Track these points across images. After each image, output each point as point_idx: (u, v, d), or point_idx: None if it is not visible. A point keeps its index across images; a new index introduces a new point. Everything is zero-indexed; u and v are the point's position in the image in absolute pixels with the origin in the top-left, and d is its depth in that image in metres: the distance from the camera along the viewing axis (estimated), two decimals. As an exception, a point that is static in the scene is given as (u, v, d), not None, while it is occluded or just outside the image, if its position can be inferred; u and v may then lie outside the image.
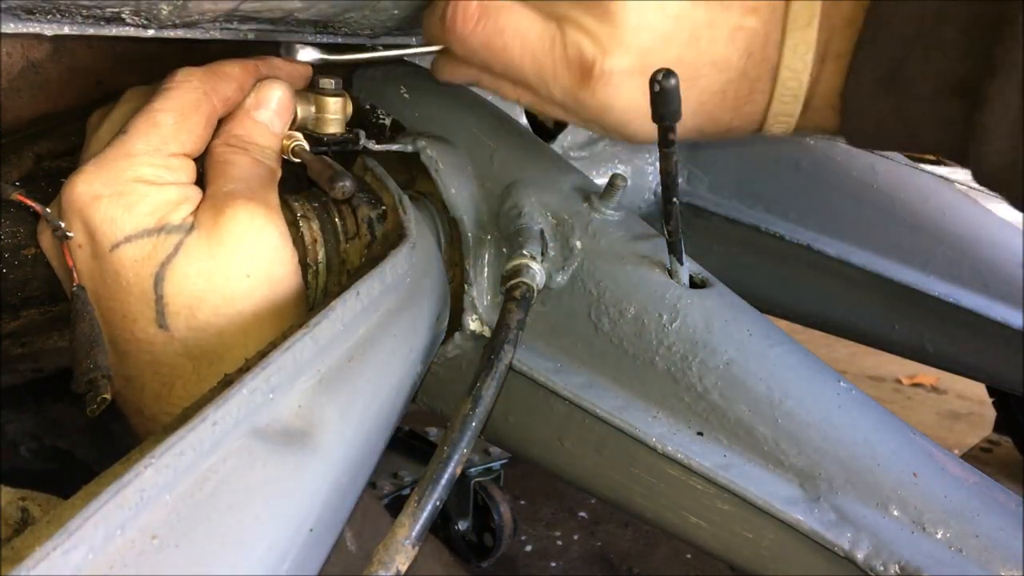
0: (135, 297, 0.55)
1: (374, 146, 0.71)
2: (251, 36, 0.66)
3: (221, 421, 0.42)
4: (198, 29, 0.61)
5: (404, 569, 0.44)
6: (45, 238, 0.59)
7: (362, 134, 0.70)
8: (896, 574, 0.53)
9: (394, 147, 0.72)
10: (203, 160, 0.61)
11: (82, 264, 0.56)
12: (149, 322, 0.55)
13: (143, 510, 0.38)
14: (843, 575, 0.56)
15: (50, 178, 0.63)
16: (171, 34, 0.60)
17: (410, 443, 1.49)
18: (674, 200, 0.58)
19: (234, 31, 0.64)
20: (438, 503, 0.47)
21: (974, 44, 0.52)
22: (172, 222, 0.56)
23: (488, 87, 0.69)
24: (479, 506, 1.45)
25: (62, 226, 0.56)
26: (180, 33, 0.60)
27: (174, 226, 0.55)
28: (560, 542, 1.60)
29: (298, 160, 0.64)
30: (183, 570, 0.38)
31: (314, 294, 0.65)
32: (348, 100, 0.70)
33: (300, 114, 0.67)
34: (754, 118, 0.62)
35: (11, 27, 0.54)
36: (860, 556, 0.54)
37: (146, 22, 0.57)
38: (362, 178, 0.70)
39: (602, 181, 0.69)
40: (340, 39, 0.73)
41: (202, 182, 0.59)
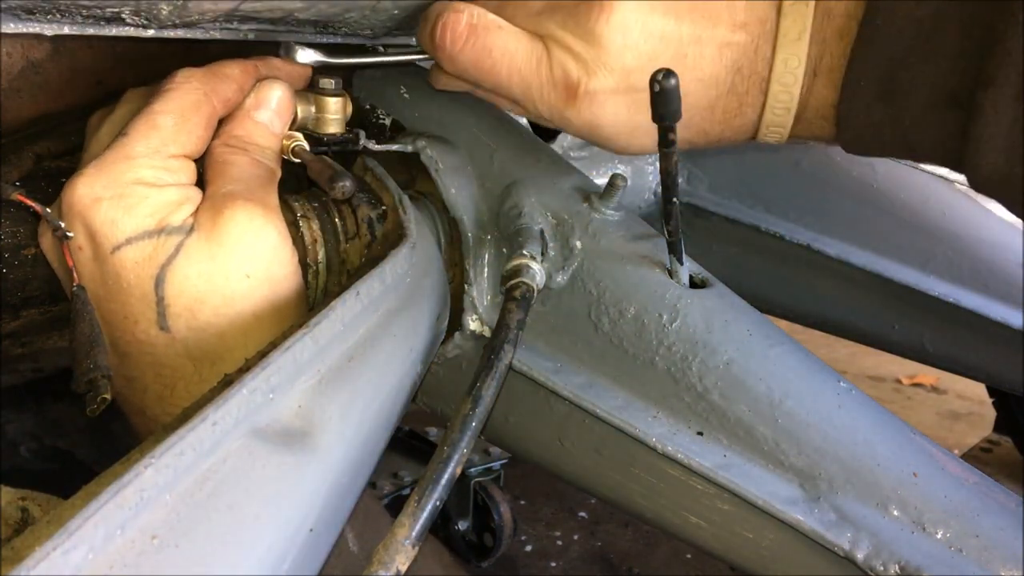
0: (136, 299, 0.55)
1: (374, 146, 0.71)
2: (251, 36, 0.66)
3: (221, 421, 0.42)
4: (198, 29, 0.61)
5: (404, 569, 0.44)
6: (45, 239, 0.59)
7: (362, 134, 0.70)
8: (896, 574, 0.53)
9: (394, 147, 0.72)
10: (203, 161, 0.61)
11: (83, 266, 0.56)
12: (150, 324, 0.55)
13: (143, 510, 0.38)
14: (843, 575, 0.56)
15: (50, 178, 0.63)
16: (171, 34, 0.60)
17: (410, 443, 1.49)
18: (674, 200, 0.58)
19: (234, 31, 0.64)
20: (438, 503, 0.47)
21: (967, 56, 0.53)
22: (172, 223, 0.56)
23: (481, 96, 0.70)
24: (479, 506, 1.45)
25: (62, 226, 0.56)
26: (180, 33, 0.60)
27: (174, 227, 0.55)
28: (560, 542, 1.60)
29: (298, 160, 0.65)
30: (183, 570, 0.38)
31: (314, 294, 0.65)
32: (348, 100, 0.70)
33: (300, 114, 0.67)
34: (745, 130, 0.63)
35: (11, 27, 0.54)
36: (860, 556, 0.54)
37: (146, 22, 0.57)
38: (362, 178, 0.70)
39: (602, 181, 0.69)
40: (340, 39, 0.73)
41: (202, 183, 0.60)
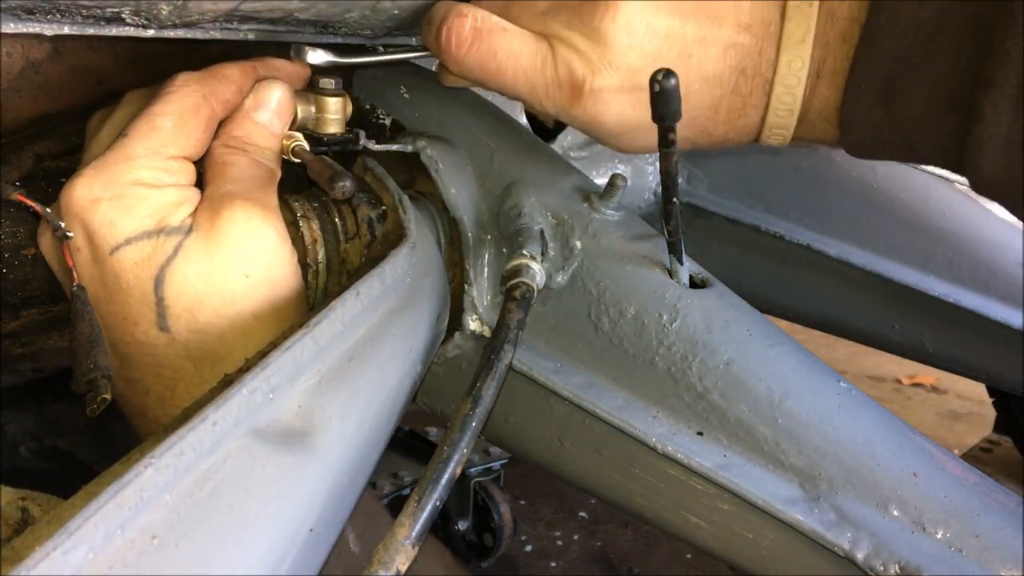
0: (135, 300, 0.55)
1: (374, 146, 0.71)
2: (251, 36, 0.66)
3: (221, 421, 0.42)
4: (198, 29, 0.61)
5: (404, 569, 0.44)
6: (45, 240, 0.59)
7: (362, 134, 0.70)
8: (896, 574, 0.53)
9: (394, 147, 0.72)
10: (203, 162, 0.61)
11: (82, 267, 0.56)
12: (150, 325, 0.55)
13: (143, 510, 0.38)
14: (843, 575, 0.56)
15: (50, 178, 0.63)
16: (171, 34, 0.60)
17: (410, 443, 1.49)
18: (674, 200, 0.58)
19: (234, 31, 0.64)
20: (438, 503, 0.47)
21: (968, 59, 0.53)
22: (171, 224, 0.56)
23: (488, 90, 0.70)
24: (479, 506, 1.45)
25: (62, 226, 0.56)
26: (180, 33, 0.60)
27: (173, 228, 0.55)
28: (560, 542, 1.60)
29: (298, 160, 0.64)
30: (183, 570, 0.38)
31: (314, 294, 0.65)
32: (348, 100, 0.70)
33: (300, 114, 0.67)
34: (749, 131, 0.63)
35: (11, 27, 0.54)
36: (860, 556, 0.54)
37: (146, 22, 0.57)
38: (362, 178, 0.70)
39: (602, 181, 0.69)
40: (340, 39, 0.73)
41: (202, 184, 0.59)
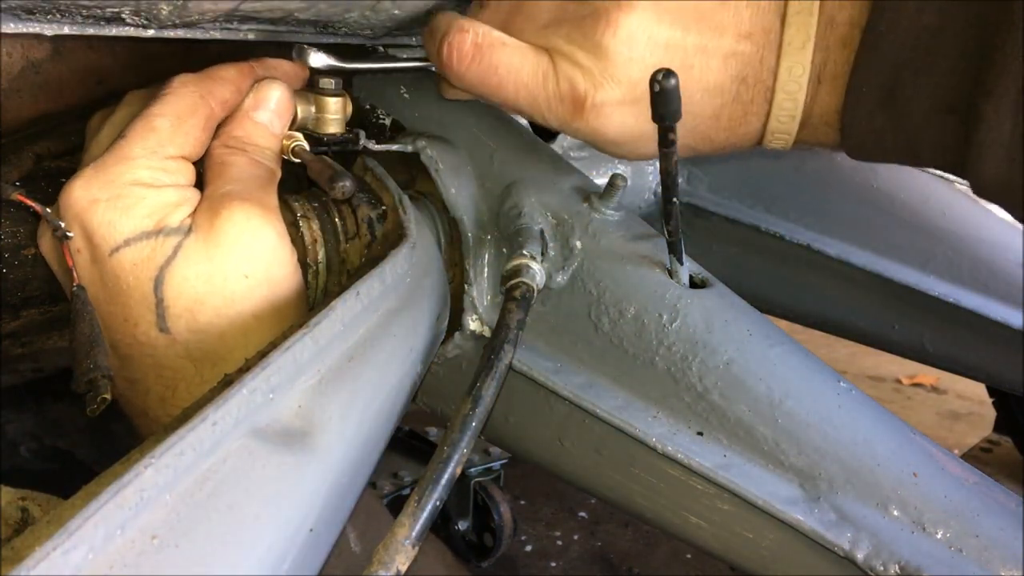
0: (135, 301, 0.55)
1: (374, 146, 0.71)
2: (251, 36, 0.66)
3: (221, 421, 0.42)
4: (198, 29, 0.61)
5: (404, 569, 0.44)
6: (45, 240, 0.59)
7: (362, 134, 0.70)
8: (896, 574, 0.53)
9: (394, 147, 0.72)
10: (203, 163, 0.61)
11: (82, 269, 0.56)
12: (150, 325, 0.55)
13: (143, 510, 0.38)
14: (843, 575, 0.56)
15: (50, 178, 0.63)
16: (171, 34, 0.60)
17: (410, 443, 1.49)
18: (674, 200, 0.58)
19: (234, 31, 0.64)
20: (438, 503, 0.47)
21: (969, 64, 0.53)
22: (170, 224, 0.56)
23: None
24: (479, 506, 1.45)
25: (62, 226, 0.56)
26: (180, 33, 0.60)
27: (172, 228, 0.55)
28: (560, 542, 1.60)
29: (298, 160, 0.64)
30: (183, 570, 0.38)
31: (314, 294, 0.65)
32: (348, 100, 0.70)
33: (300, 114, 0.67)
34: (751, 137, 0.63)
35: (11, 27, 0.54)
36: (860, 556, 0.54)
37: (146, 22, 0.57)
38: (362, 178, 0.70)
39: (602, 181, 0.69)
40: (340, 39, 0.73)
41: (202, 185, 0.59)
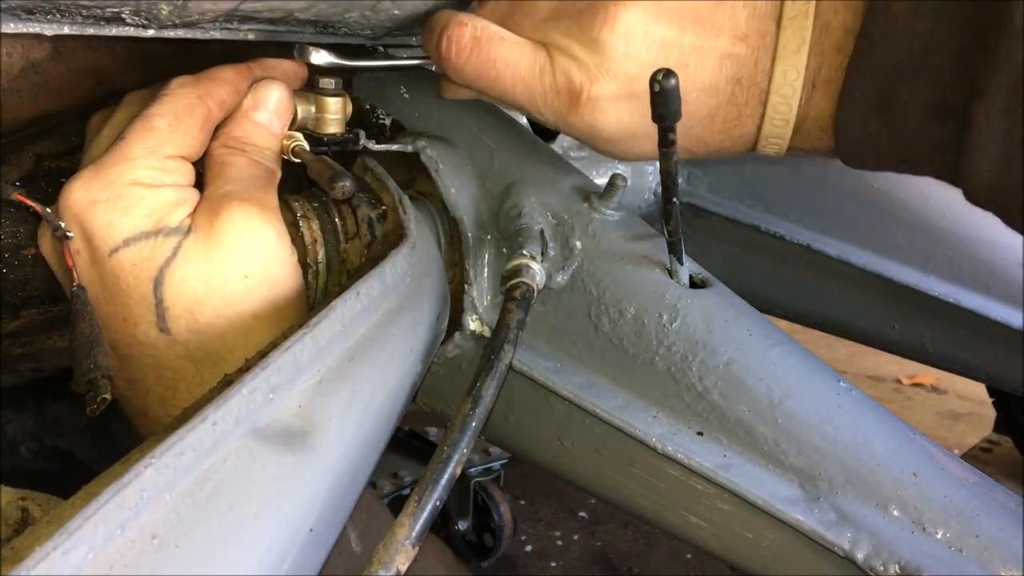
0: (135, 301, 0.55)
1: (374, 146, 0.71)
2: (251, 36, 0.66)
3: (221, 421, 0.42)
4: (198, 29, 0.61)
5: (404, 569, 0.44)
6: (44, 241, 0.59)
7: (362, 134, 0.70)
8: (896, 574, 0.53)
9: (394, 147, 0.72)
10: (203, 163, 0.61)
11: (81, 269, 0.56)
12: (150, 326, 0.55)
13: (143, 510, 0.38)
14: (843, 575, 0.56)
15: (50, 178, 0.63)
16: (171, 34, 0.60)
17: (410, 443, 1.49)
18: (674, 200, 0.58)
19: (234, 31, 0.64)
20: (438, 503, 0.47)
21: (961, 69, 0.53)
22: (170, 224, 0.56)
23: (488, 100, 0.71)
24: (479, 506, 1.45)
25: (62, 226, 0.56)
26: (180, 33, 0.60)
27: (172, 228, 0.56)
28: (560, 542, 1.60)
29: (298, 160, 0.64)
30: (183, 570, 0.38)
31: (314, 294, 0.65)
32: (348, 100, 0.70)
33: (300, 114, 0.67)
34: (745, 140, 0.63)
35: (11, 27, 0.54)
36: (860, 556, 0.54)
37: (146, 22, 0.57)
38: (362, 178, 0.70)
39: (602, 181, 0.69)
40: (340, 39, 0.73)
41: (202, 185, 0.59)
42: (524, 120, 0.96)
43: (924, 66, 0.55)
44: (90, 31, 0.57)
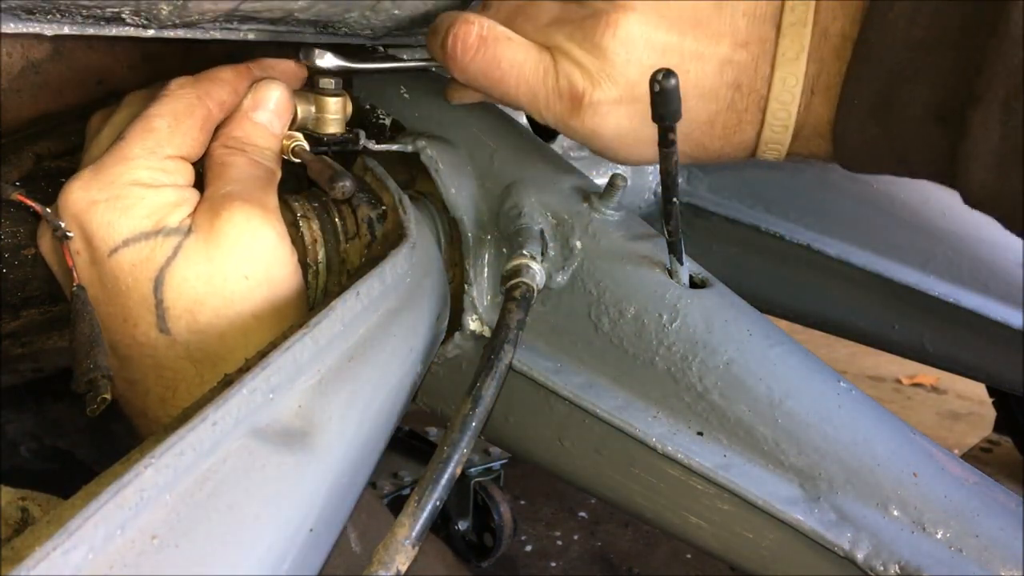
0: (135, 301, 0.55)
1: (374, 146, 0.71)
2: (251, 36, 0.66)
3: (221, 421, 0.42)
4: (198, 29, 0.61)
5: (404, 569, 0.44)
6: (44, 241, 0.59)
7: (362, 134, 0.70)
8: (896, 574, 0.53)
9: (394, 147, 0.72)
10: (203, 163, 0.61)
11: (81, 270, 0.56)
12: (150, 326, 0.55)
13: (143, 510, 0.38)
14: (843, 575, 0.56)
15: (50, 178, 0.63)
16: (171, 34, 0.60)
17: (410, 443, 1.49)
18: (674, 200, 0.58)
19: (234, 31, 0.64)
20: (438, 503, 0.47)
21: (957, 76, 0.54)
22: (170, 224, 0.56)
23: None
24: (479, 506, 1.45)
25: (62, 226, 0.56)
26: (180, 33, 0.60)
27: (172, 228, 0.55)
28: (560, 542, 1.60)
29: (298, 160, 0.64)
30: (183, 570, 0.38)
31: (314, 294, 0.65)
32: (348, 100, 0.70)
33: (300, 114, 0.67)
34: (745, 146, 0.64)
35: (11, 27, 0.54)
36: (860, 556, 0.54)
37: (146, 22, 0.57)
38: (362, 178, 0.70)
39: (602, 181, 0.69)
40: (340, 39, 0.73)
41: (202, 185, 0.59)
42: (524, 120, 0.96)
43: (921, 72, 0.55)
44: (90, 31, 0.57)
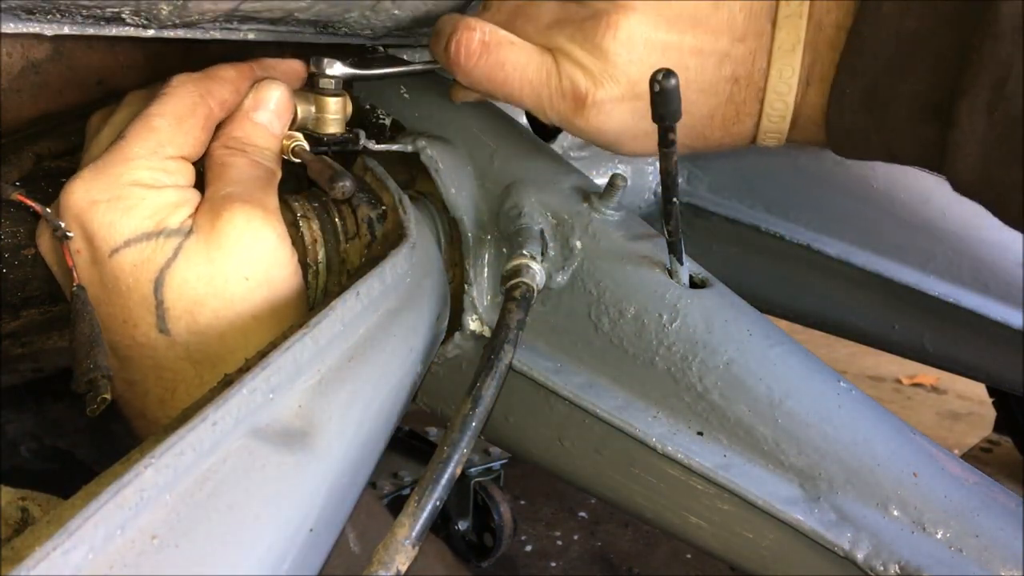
0: (135, 302, 0.55)
1: (374, 146, 0.71)
2: (251, 36, 0.66)
3: (221, 421, 0.42)
4: (198, 29, 0.61)
5: (404, 569, 0.44)
6: (44, 241, 0.59)
7: (362, 134, 0.70)
8: (896, 574, 0.53)
9: (394, 147, 0.72)
10: (203, 163, 0.61)
11: (81, 270, 0.56)
12: (150, 327, 0.55)
13: (143, 510, 0.38)
14: (843, 575, 0.56)
15: (50, 178, 0.62)
16: (171, 34, 0.60)
17: (410, 443, 1.49)
18: (674, 200, 0.59)
19: (234, 31, 0.64)
20: (438, 503, 0.47)
21: (946, 68, 0.55)
22: (171, 225, 0.56)
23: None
24: (479, 506, 1.45)
25: (62, 226, 0.55)
26: (180, 33, 0.60)
27: (173, 229, 0.55)
28: (560, 542, 1.60)
29: (298, 160, 0.64)
30: (183, 570, 0.38)
31: (314, 294, 0.65)
32: (348, 100, 0.70)
33: (300, 114, 0.67)
34: (744, 136, 0.65)
35: (11, 27, 0.54)
36: (860, 556, 0.54)
37: (146, 22, 0.57)
38: (362, 178, 0.70)
39: (602, 181, 0.69)
40: (340, 39, 0.73)
41: (202, 186, 0.59)
42: (524, 120, 0.96)
43: (911, 64, 0.56)
44: (90, 31, 0.57)
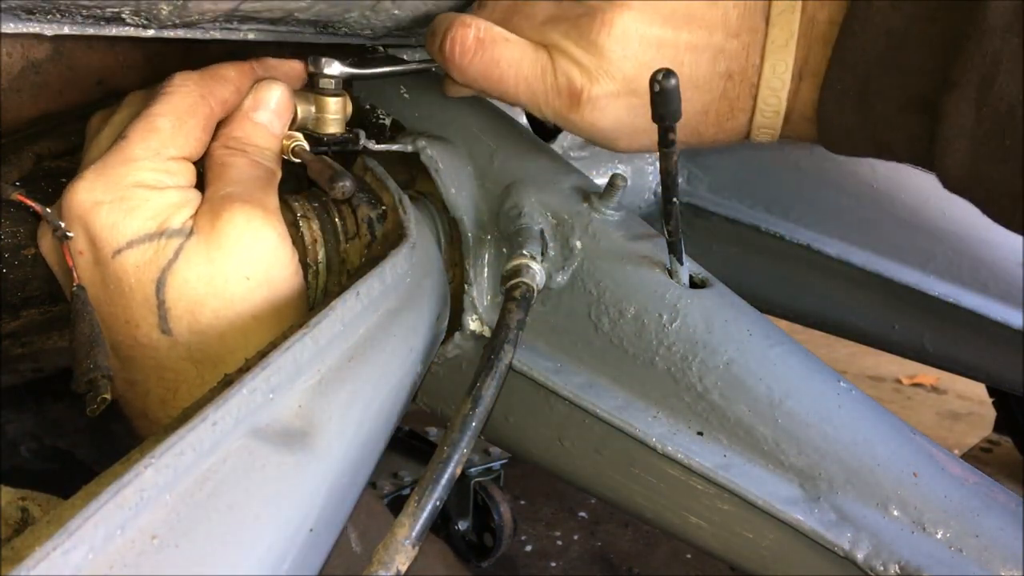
0: (137, 303, 0.55)
1: (374, 146, 0.71)
2: (251, 36, 0.66)
3: (221, 421, 0.42)
4: (198, 29, 0.61)
5: (404, 569, 0.44)
6: (44, 241, 0.59)
7: (362, 134, 0.70)
8: (896, 574, 0.53)
9: (394, 147, 0.72)
10: (204, 163, 0.61)
11: (83, 271, 0.56)
12: (152, 327, 0.55)
13: (143, 510, 0.38)
14: (843, 575, 0.56)
15: (50, 178, 0.63)
16: (171, 34, 0.60)
17: (410, 443, 1.49)
18: (674, 200, 0.59)
19: (234, 31, 0.64)
20: (438, 503, 0.47)
21: (935, 63, 0.55)
22: (173, 226, 0.56)
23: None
24: (479, 506, 1.45)
25: (63, 226, 0.56)
26: (180, 33, 0.60)
27: (175, 230, 0.55)
28: (560, 542, 1.60)
29: (298, 160, 0.64)
30: (183, 570, 0.38)
31: (314, 294, 0.65)
32: (348, 100, 0.70)
33: (300, 114, 0.67)
34: (737, 131, 0.65)
35: (11, 27, 0.54)
36: (860, 556, 0.54)
37: (146, 22, 0.57)
38: (362, 178, 0.70)
39: (602, 181, 0.69)
40: (340, 39, 0.73)
41: (203, 186, 0.59)
42: (524, 120, 0.96)
43: (900, 59, 0.56)
44: (90, 31, 0.57)
